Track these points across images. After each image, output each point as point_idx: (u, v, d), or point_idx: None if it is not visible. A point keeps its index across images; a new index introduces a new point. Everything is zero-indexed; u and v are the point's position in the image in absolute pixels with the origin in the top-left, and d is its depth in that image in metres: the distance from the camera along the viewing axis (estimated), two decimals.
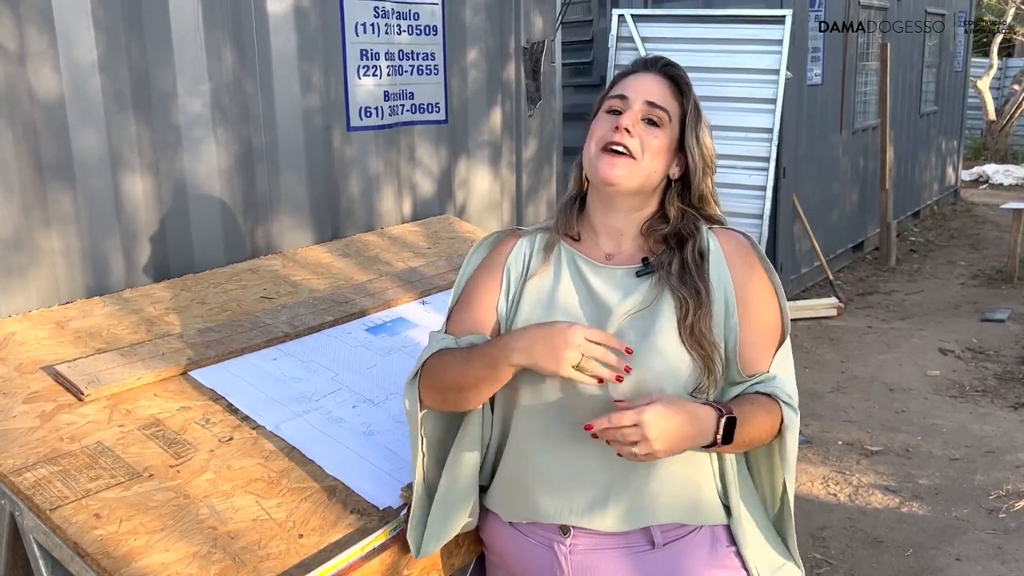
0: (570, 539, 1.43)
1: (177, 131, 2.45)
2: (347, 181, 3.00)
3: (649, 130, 1.42)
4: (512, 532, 1.51)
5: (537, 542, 1.47)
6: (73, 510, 1.44)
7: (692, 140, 1.44)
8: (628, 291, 1.41)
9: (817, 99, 6.87)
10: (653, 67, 1.47)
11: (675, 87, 1.45)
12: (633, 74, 1.46)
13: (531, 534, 1.48)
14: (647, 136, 1.41)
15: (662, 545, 1.41)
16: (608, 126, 1.42)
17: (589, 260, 1.46)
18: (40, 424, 1.64)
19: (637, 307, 1.39)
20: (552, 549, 1.44)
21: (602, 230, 1.47)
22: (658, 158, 1.42)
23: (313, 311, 2.21)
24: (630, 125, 1.40)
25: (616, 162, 1.39)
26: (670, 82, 1.45)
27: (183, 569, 1.37)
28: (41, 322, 1.99)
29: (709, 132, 1.48)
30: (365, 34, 2.97)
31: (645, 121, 1.42)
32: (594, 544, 1.42)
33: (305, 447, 1.71)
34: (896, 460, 3.97)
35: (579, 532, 1.42)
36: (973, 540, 3.28)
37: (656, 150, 1.41)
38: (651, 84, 1.43)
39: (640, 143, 1.40)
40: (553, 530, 1.44)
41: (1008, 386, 4.86)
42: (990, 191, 12.18)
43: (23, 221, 2.14)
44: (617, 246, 1.46)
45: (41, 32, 2.13)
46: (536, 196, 3.94)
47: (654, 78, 1.45)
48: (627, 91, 1.43)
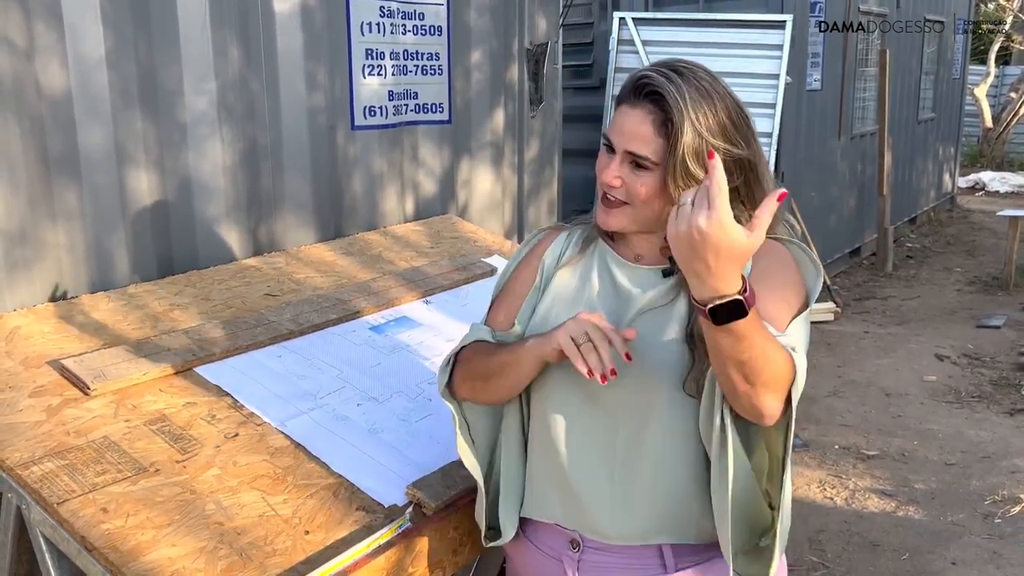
0: (579, 554, 1.42)
1: (183, 128, 2.45)
2: (350, 180, 3.00)
3: (637, 176, 1.34)
4: (524, 542, 1.51)
5: (547, 553, 1.47)
6: (80, 504, 1.45)
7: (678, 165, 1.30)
8: (649, 288, 1.42)
9: (816, 104, 6.89)
10: (639, 97, 1.33)
11: (661, 118, 1.30)
12: (624, 105, 1.36)
13: (542, 545, 1.48)
14: (634, 182, 1.34)
15: (674, 569, 1.39)
16: (601, 167, 1.39)
17: (618, 258, 1.47)
18: (46, 418, 1.64)
19: (654, 303, 1.40)
20: (561, 562, 1.44)
21: (633, 236, 1.46)
22: (650, 200, 1.35)
23: (317, 309, 2.22)
24: (611, 178, 1.35)
25: (610, 211, 1.39)
26: (657, 114, 1.31)
27: (190, 564, 1.38)
28: (46, 317, 1.99)
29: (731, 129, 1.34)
30: (370, 33, 2.98)
31: (631, 164, 1.35)
32: (604, 561, 1.41)
33: (310, 444, 1.72)
34: (892, 464, 3.99)
35: (590, 547, 1.42)
36: (969, 544, 3.30)
37: (643, 197, 1.34)
38: (635, 125, 1.33)
39: (627, 191, 1.36)
40: (563, 543, 1.44)
41: (1004, 392, 4.88)
42: (986, 198, 12.22)
43: (29, 215, 2.14)
44: (649, 249, 1.46)
45: (49, 27, 2.13)
46: (537, 197, 3.95)
47: (639, 115, 1.32)
48: (613, 134, 1.36)
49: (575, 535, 1.43)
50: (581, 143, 6.20)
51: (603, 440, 1.39)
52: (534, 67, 3.80)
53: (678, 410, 1.35)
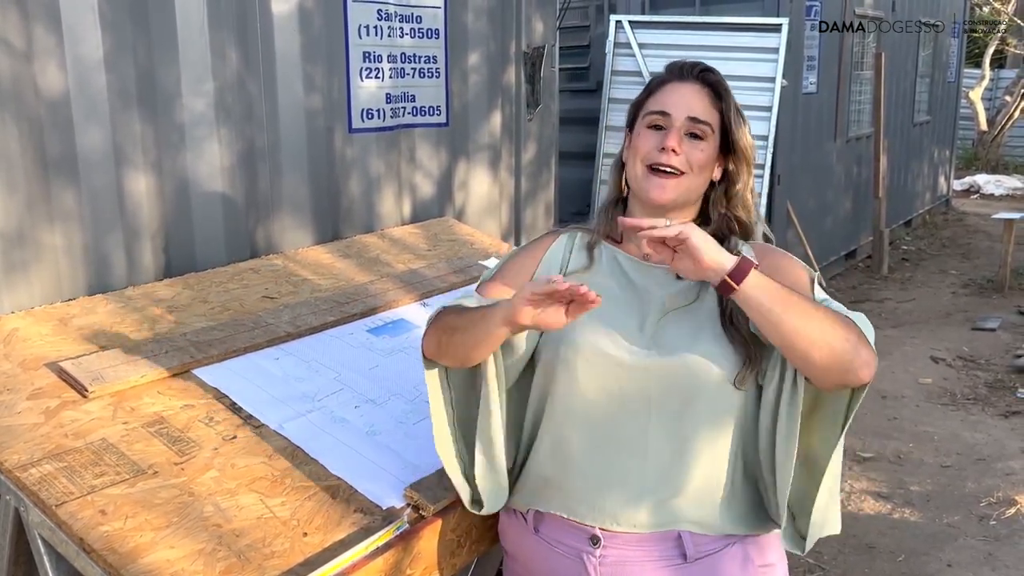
0: (600, 550, 1.42)
1: (181, 130, 2.45)
2: (348, 182, 3.01)
3: (693, 144, 1.42)
4: (538, 542, 1.50)
5: (564, 552, 1.46)
6: (78, 506, 1.45)
7: (740, 139, 1.45)
8: (669, 286, 1.43)
9: (812, 107, 6.91)
10: (690, 74, 1.45)
11: (714, 94, 1.44)
12: (670, 83, 1.45)
13: (558, 544, 1.47)
14: (692, 151, 1.42)
15: (694, 559, 1.39)
16: (652, 144, 1.42)
17: (630, 257, 1.48)
18: (45, 420, 1.65)
19: (681, 303, 1.42)
20: (581, 560, 1.43)
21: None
22: (704, 171, 1.44)
23: (315, 311, 2.22)
24: (676, 144, 1.40)
25: (666, 184, 1.41)
26: (709, 89, 1.45)
27: (188, 566, 1.38)
28: (44, 319, 1.99)
29: (748, 130, 1.48)
30: (368, 36, 2.98)
31: (688, 135, 1.42)
32: (625, 555, 1.41)
33: (308, 446, 1.72)
34: (888, 467, 4.00)
35: (609, 542, 1.42)
36: (964, 547, 3.31)
37: (702, 164, 1.43)
38: (691, 95, 1.43)
39: (686, 159, 1.41)
40: (583, 540, 1.44)
41: (999, 394, 4.90)
42: (981, 201, 12.26)
43: (27, 217, 2.14)
44: None
45: (48, 29, 2.13)
46: (535, 200, 3.96)
47: (693, 87, 1.44)
48: (668, 106, 1.42)
49: (595, 531, 1.42)
50: (578, 146, 6.21)
51: (633, 430, 1.39)
52: (531, 70, 3.80)
53: (718, 403, 1.38)
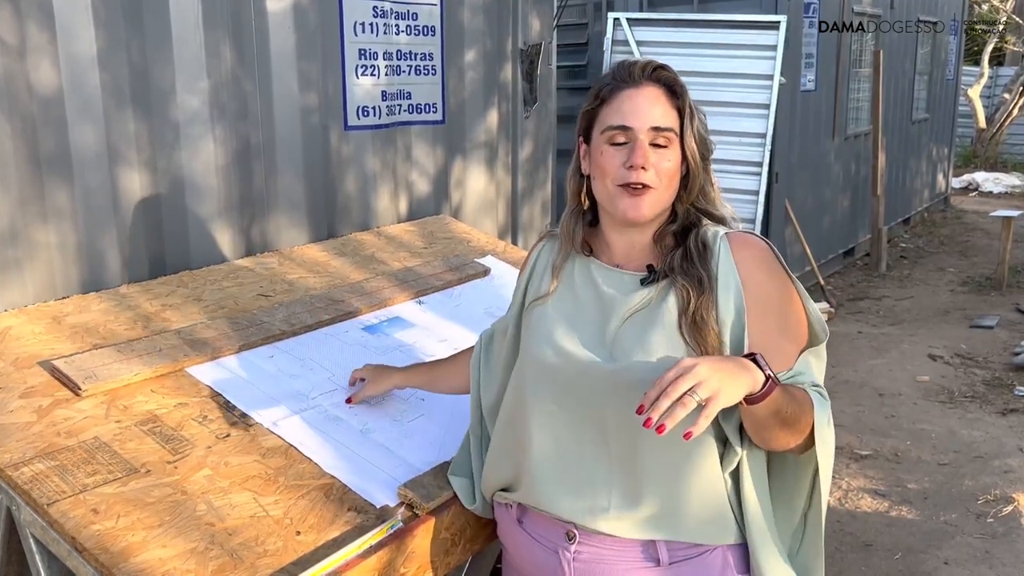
0: (574, 546, 1.43)
1: (175, 128, 2.45)
2: (344, 180, 3.00)
3: (660, 154, 1.37)
4: (522, 533, 1.52)
5: (543, 545, 1.48)
6: (71, 505, 1.44)
7: (691, 140, 1.39)
8: (630, 293, 1.42)
9: (810, 105, 6.91)
10: (643, 76, 1.38)
11: (670, 92, 1.39)
12: (624, 90, 1.39)
13: (539, 537, 1.49)
14: (660, 161, 1.37)
15: (667, 564, 1.39)
16: (618, 161, 1.38)
17: (601, 264, 1.47)
18: (37, 419, 1.64)
19: (638, 308, 1.40)
20: (557, 554, 1.45)
21: (617, 245, 1.46)
22: (674, 178, 1.40)
23: (310, 309, 2.22)
24: (644, 161, 1.36)
25: (640, 202, 1.37)
26: (665, 89, 1.39)
27: (181, 565, 1.37)
28: (37, 317, 1.99)
29: (701, 119, 1.43)
30: (364, 34, 2.97)
31: (652, 145, 1.37)
32: (598, 555, 1.42)
33: (302, 445, 1.71)
34: (885, 464, 4.00)
35: (584, 540, 1.42)
36: (961, 544, 3.30)
37: (671, 173, 1.38)
38: (649, 102, 1.37)
39: (655, 173, 1.37)
40: (559, 536, 1.45)
41: (996, 392, 4.90)
42: (980, 199, 12.25)
43: (19, 215, 2.14)
44: (628, 257, 1.46)
45: (41, 26, 2.13)
46: (531, 197, 3.95)
47: (649, 91, 1.38)
48: (628, 119, 1.37)
49: (570, 527, 1.44)
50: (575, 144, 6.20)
51: (599, 436, 1.40)
52: (528, 67, 3.80)
53: None
